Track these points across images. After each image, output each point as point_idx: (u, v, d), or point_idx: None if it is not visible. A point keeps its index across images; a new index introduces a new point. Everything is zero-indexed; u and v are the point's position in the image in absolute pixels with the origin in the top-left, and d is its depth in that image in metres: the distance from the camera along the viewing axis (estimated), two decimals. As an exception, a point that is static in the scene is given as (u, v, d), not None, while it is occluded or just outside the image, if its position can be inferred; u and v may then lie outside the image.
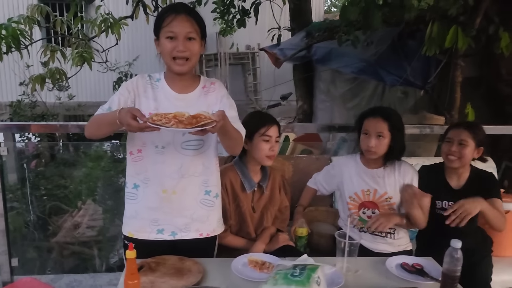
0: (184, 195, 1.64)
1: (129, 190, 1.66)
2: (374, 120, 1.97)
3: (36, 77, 3.89)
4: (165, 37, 1.54)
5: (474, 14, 2.70)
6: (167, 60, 1.58)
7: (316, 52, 4.60)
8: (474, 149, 2.01)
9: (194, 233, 1.68)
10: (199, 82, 1.68)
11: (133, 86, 1.62)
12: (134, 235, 1.66)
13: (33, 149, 7.11)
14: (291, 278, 1.27)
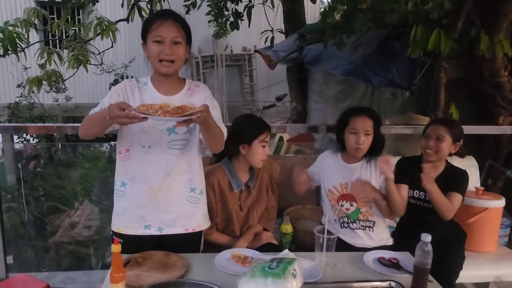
0: (170, 193, 1.72)
1: (118, 188, 1.75)
2: (362, 119, 2.05)
3: (33, 79, 3.95)
4: (152, 41, 1.61)
5: (456, 18, 2.78)
6: (154, 63, 1.65)
7: (307, 54, 4.69)
8: (451, 144, 2.11)
9: (180, 228, 1.76)
10: (184, 85, 1.76)
11: (122, 89, 1.69)
12: (122, 231, 1.74)
13: (32, 150, 7.18)
14: (268, 270, 1.33)
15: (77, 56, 3.85)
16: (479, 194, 2.38)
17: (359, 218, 2.13)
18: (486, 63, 2.92)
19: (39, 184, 5.30)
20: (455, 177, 2.13)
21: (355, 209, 2.12)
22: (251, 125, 2.05)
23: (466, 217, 2.32)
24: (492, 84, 3.02)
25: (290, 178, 2.55)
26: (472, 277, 2.26)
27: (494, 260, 2.31)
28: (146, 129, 1.65)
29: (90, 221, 4.57)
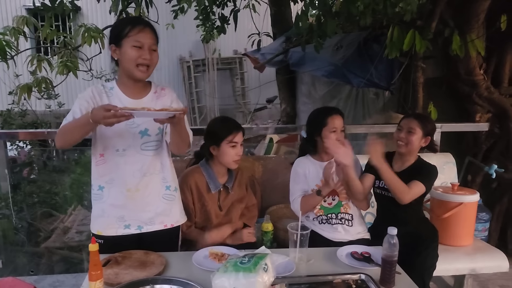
0: (147, 192, 1.79)
1: (95, 192, 1.80)
2: (338, 118, 2.17)
3: (23, 87, 3.98)
4: (131, 46, 1.65)
5: (430, 19, 2.86)
6: (130, 67, 1.68)
7: (292, 57, 4.77)
8: (422, 138, 2.15)
9: (159, 225, 1.83)
10: (151, 88, 1.82)
11: (90, 96, 1.72)
12: (102, 232, 1.80)
13: (25, 157, 7.20)
14: (239, 265, 1.39)
15: (66, 63, 3.91)
16: (454, 189, 2.44)
17: (341, 211, 2.20)
18: (461, 62, 3.00)
19: (32, 190, 5.33)
20: (422, 169, 2.16)
21: (337, 203, 2.19)
22: (219, 127, 2.11)
23: (442, 212, 2.39)
24: (468, 83, 3.09)
25: (272, 178, 2.64)
26: (448, 270, 2.32)
27: (469, 254, 2.38)
28: (120, 133, 1.71)
29: (82, 226, 4.60)
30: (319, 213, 2.20)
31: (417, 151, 2.18)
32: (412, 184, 2.06)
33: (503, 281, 2.99)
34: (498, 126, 3.19)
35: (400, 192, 2.04)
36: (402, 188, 2.03)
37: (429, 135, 2.17)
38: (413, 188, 2.06)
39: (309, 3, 2.26)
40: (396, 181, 2.04)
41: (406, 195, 2.04)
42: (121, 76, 1.76)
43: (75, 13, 9.19)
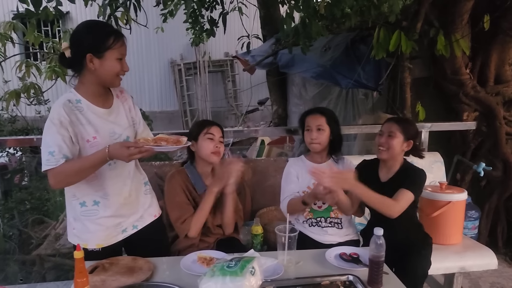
0: (136, 195, 1.85)
1: (90, 208, 1.76)
2: (313, 116, 2.18)
3: (11, 93, 3.95)
4: (115, 58, 1.64)
5: (415, 19, 2.89)
6: (110, 77, 1.67)
7: (281, 58, 4.79)
8: (403, 142, 2.10)
9: (150, 217, 1.91)
10: (111, 93, 1.80)
11: (65, 123, 1.62)
12: (104, 244, 1.80)
13: (16, 163, 7.14)
14: (226, 269, 1.39)
15: (54, 68, 3.88)
16: (443, 188, 2.46)
17: (330, 215, 2.20)
18: (447, 62, 3.02)
19: (23, 197, 5.29)
20: (408, 174, 2.10)
21: (327, 207, 2.19)
22: (195, 125, 2.20)
23: (431, 211, 2.40)
24: (454, 82, 3.12)
25: (262, 180, 2.64)
26: (438, 269, 2.33)
27: (458, 252, 2.39)
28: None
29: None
30: (309, 216, 2.20)
31: (400, 156, 2.14)
32: (398, 195, 2.00)
33: (494, 278, 3.02)
34: (485, 124, 3.22)
35: (386, 209, 1.97)
36: (387, 203, 1.97)
37: (411, 139, 2.12)
38: (400, 200, 1.99)
39: (293, 6, 2.28)
40: (378, 199, 1.96)
41: (394, 208, 1.97)
42: (88, 85, 1.69)
43: (61, 18, 9.14)
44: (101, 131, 1.69)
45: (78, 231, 1.80)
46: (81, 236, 1.79)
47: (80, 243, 1.75)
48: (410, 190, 2.01)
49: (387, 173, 2.17)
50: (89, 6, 3.49)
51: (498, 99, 3.22)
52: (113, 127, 1.74)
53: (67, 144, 1.62)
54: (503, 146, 3.15)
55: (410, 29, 2.83)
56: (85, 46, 1.62)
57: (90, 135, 1.67)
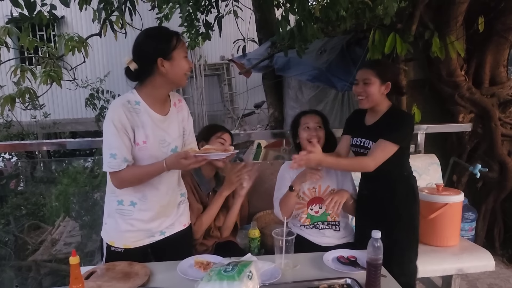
0: (172, 204, 1.86)
1: (125, 207, 1.78)
2: (311, 115, 2.20)
3: (6, 98, 3.92)
4: (183, 56, 1.69)
5: (410, 22, 2.90)
6: (179, 77, 1.70)
7: (277, 61, 4.81)
8: (380, 85, 1.98)
9: (179, 226, 1.92)
10: (170, 100, 1.82)
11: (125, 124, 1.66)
12: (131, 246, 1.81)
13: (11, 169, 7.11)
14: (223, 274, 1.38)
15: (49, 73, 3.87)
16: (439, 190, 2.46)
17: (327, 219, 2.20)
18: (442, 64, 3.04)
19: (19, 202, 5.27)
20: (392, 121, 1.97)
21: (324, 211, 2.19)
22: (208, 128, 2.24)
23: (428, 213, 2.40)
24: (450, 84, 3.13)
25: (258, 184, 2.63)
26: (435, 271, 2.33)
27: (456, 254, 2.39)
28: (155, 155, 1.71)
29: (70, 238, 4.55)
30: (306, 222, 2.20)
31: (382, 100, 2.01)
32: (375, 148, 1.92)
33: (492, 279, 3.02)
34: (481, 126, 3.23)
35: (360, 168, 1.99)
36: (359, 163, 1.96)
37: (388, 81, 1.98)
38: (376, 153, 1.90)
39: (289, 9, 2.28)
40: (349, 163, 1.99)
41: (368, 165, 1.92)
42: (153, 89, 1.71)
43: (55, 22, 9.13)
44: (151, 136, 1.70)
45: (109, 226, 1.83)
46: (110, 232, 1.83)
47: (107, 240, 1.83)
48: (390, 140, 1.92)
49: (373, 117, 2.06)
50: (83, 10, 3.48)
51: (494, 100, 3.23)
52: (164, 135, 1.74)
53: (126, 146, 1.67)
54: (498, 148, 3.16)
55: (405, 31, 2.84)
56: (153, 52, 1.65)
57: (140, 139, 1.69)
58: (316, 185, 2.20)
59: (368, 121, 2.07)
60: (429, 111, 3.21)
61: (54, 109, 9.34)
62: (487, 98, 3.22)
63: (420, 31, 2.93)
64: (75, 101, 9.39)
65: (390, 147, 1.92)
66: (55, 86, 3.76)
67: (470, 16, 3.00)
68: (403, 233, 2.03)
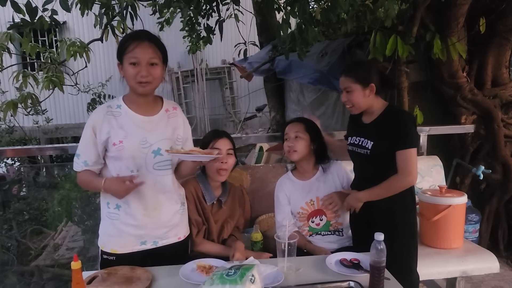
0: (163, 210, 1.80)
1: (111, 210, 1.78)
2: (291, 125, 2.18)
3: (8, 103, 3.94)
4: (128, 63, 1.63)
5: (411, 24, 2.90)
6: (131, 84, 1.67)
7: (278, 65, 4.81)
8: (363, 90, 1.91)
9: (173, 238, 1.86)
10: (162, 105, 1.80)
11: (96, 127, 1.70)
12: (118, 251, 1.79)
13: (14, 174, 7.12)
14: (226, 277, 1.38)
15: (51, 78, 3.88)
16: (443, 192, 2.45)
17: (329, 229, 2.19)
18: (444, 65, 3.03)
19: (22, 208, 5.27)
20: (390, 123, 1.90)
21: (326, 222, 2.18)
22: (208, 135, 2.15)
23: (431, 215, 2.38)
24: (452, 86, 3.12)
25: (261, 187, 2.63)
26: (439, 274, 2.32)
27: (460, 256, 2.37)
28: (133, 154, 1.70)
29: (73, 243, 4.54)
30: (308, 234, 2.19)
31: (372, 101, 1.94)
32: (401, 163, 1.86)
33: (496, 281, 3.00)
34: (484, 127, 3.23)
35: (401, 187, 1.90)
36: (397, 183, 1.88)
37: (370, 82, 1.90)
38: (405, 167, 1.85)
39: (290, 12, 2.28)
40: (387, 187, 1.90)
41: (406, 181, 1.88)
42: (129, 93, 1.75)
43: (57, 27, 9.17)
44: (130, 137, 1.69)
45: (101, 230, 1.83)
46: (101, 237, 1.83)
47: (99, 244, 1.82)
48: (408, 147, 1.86)
49: (369, 117, 2.00)
50: (85, 15, 3.50)
51: (496, 101, 3.22)
52: (146, 135, 1.72)
53: (91, 149, 1.70)
54: (501, 149, 3.15)
55: (406, 33, 2.84)
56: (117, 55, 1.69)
57: (117, 139, 1.68)
58: (313, 197, 2.17)
59: (366, 120, 2.02)
60: (431, 113, 3.20)
61: (56, 114, 9.36)
62: (489, 99, 3.21)
63: (421, 33, 2.93)
64: (77, 106, 9.42)
65: (413, 153, 1.87)
66: (57, 91, 3.78)
67: (471, 18, 2.99)
68: (401, 241, 1.96)
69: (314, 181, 2.19)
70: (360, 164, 2.06)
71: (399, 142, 1.87)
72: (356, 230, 2.16)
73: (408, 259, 2.02)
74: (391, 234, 1.80)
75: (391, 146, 1.89)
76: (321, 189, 2.17)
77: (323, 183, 2.18)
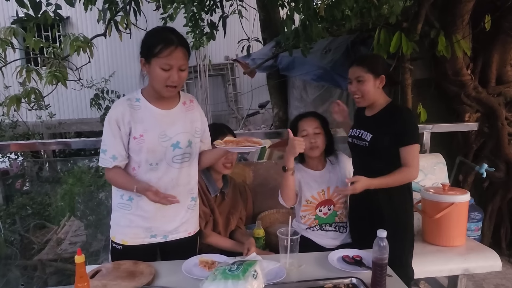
0: (176, 204, 1.76)
1: (123, 201, 1.79)
2: (307, 120, 2.15)
3: (12, 98, 3.95)
4: (159, 67, 1.61)
5: (416, 20, 2.88)
6: (158, 86, 1.65)
7: (281, 61, 4.80)
8: (374, 80, 1.93)
9: (183, 233, 1.87)
10: (179, 98, 1.80)
11: (118, 119, 1.69)
12: (128, 242, 1.80)
13: (17, 169, 7.15)
14: (228, 273, 1.38)
15: (54, 73, 3.88)
16: (445, 190, 2.44)
17: (335, 220, 2.19)
18: (448, 63, 3.01)
19: (25, 202, 5.30)
20: (391, 118, 1.91)
21: (332, 212, 2.19)
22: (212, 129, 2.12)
23: (434, 212, 2.38)
24: (456, 83, 3.10)
25: (263, 183, 2.63)
26: (441, 271, 2.32)
27: (462, 254, 2.37)
28: (152, 148, 1.71)
29: (75, 237, 4.57)
30: (314, 223, 2.19)
31: (378, 95, 1.97)
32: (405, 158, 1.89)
33: (498, 280, 3.00)
34: (487, 125, 3.21)
35: (408, 178, 1.93)
36: (405, 175, 1.91)
37: (382, 74, 1.94)
38: (412, 161, 1.89)
39: (294, 8, 2.27)
40: (394, 178, 1.90)
41: (411, 174, 1.91)
42: (149, 86, 1.73)
43: (61, 22, 9.16)
44: (150, 130, 1.70)
45: (112, 221, 1.84)
46: (112, 227, 1.84)
47: (110, 234, 1.84)
48: (411, 143, 1.90)
49: (372, 110, 2.03)
50: (89, 10, 3.50)
51: (500, 99, 3.21)
52: (166, 129, 1.72)
53: (118, 142, 1.70)
54: (505, 147, 3.14)
55: (411, 30, 2.82)
56: (141, 48, 1.67)
57: (138, 133, 1.69)
58: (325, 188, 2.17)
59: (369, 113, 2.05)
60: (434, 111, 3.19)
61: (60, 109, 9.39)
62: (493, 97, 3.19)
63: (426, 30, 2.91)
64: (80, 101, 9.44)
65: (415, 149, 1.92)
66: (60, 87, 3.78)
67: (476, 15, 2.97)
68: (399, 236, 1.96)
69: (325, 172, 2.19)
70: (358, 156, 2.08)
71: (404, 138, 1.90)
72: (354, 225, 2.18)
73: (405, 253, 2.05)
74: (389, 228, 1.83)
75: (390, 141, 1.92)
76: (333, 179, 2.18)
77: (333, 174, 2.19)
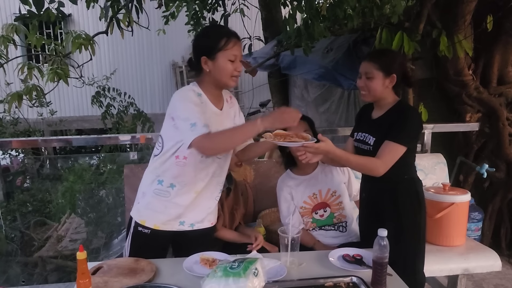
0: (207, 194, 1.87)
1: (164, 188, 1.82)
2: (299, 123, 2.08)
3: (13, 95, 3.95)
4: (227, 59, 1.69)
5: (417, 20, 2.88)
6: (225, 78, 1.72)
7: (283, 60, 4.81)
8: (384, 79, 1.83)
9: (207, 223, 1.93)
10: (223, 96, 1.86)
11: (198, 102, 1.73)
12: (160, 227, 1.84)
13: (18, 166, 7.16)
14: (229, 270, 1.39)
15: (56, 70, 3.88)
16: (446, 189, 2.45)
17: (333, 222, 2.20)
18: (450, 63, 3.01)
19: (25, 199, 5.31)
20: (398, 118, 1.82)
21: (329, 214, 2.19)
22: None
23: (434, 212, 2.39)
24: (457, 83, 3.11)
25: (264, 182, 2.63)
26: (441, 271, 2.32)
27: (462, 254, 2.38)
28: None
29: (76, 234, 4.57)
30: (312, 226, 2.19)
31: (386, 94, 1.88)
32: (382, 150, 1.78)
33: (498, 280, 3.00)
34: (488, 125, 3.21)
35: (368, 170, 1.80)
36: (369, 164, 1.79)
37: (393, 73, 1.83)
38: (384, 156, 1.76)
39: (296, 7, 2.28)
40: (358, 161, 1.80)
41: (377, 168, 1.77)
42: (207, 84, 1.77)
43: (63, 20, 9.17)
44: (211, 128, 1.69)
45: (142, 206, 1.86)
46: (143, 211, 1.85)
47: (138, 219, 1.86)
48: (397, 142, 1.77)
49: (379, 111, 1.93)
50: (91, 8, 3.50)
51: (501, 100, 3.21)
52: (217, 128, 1.74)
53: (204, 114, 1.67)
54: (506, 147, 3.14)
55: (413, 30, 2.82)
56: (200, 49, 1.72)
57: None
58: (316, 191, 2.16)
59: (375, 115, 1.95)
60: (436, 110, 3.19)
61: (61, 107, 9.40)
62: (494, 97, 3.19)
63: (428, 30, 2.91)
64: (81, 99, 9.45)
65: (398, 149, 1.79)
66: (61, 84, 3.78)
67: (478, 15, 2.97)
68: (407, 242, 1.90)
69: (316, 174, 2.18)
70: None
71: (393, 133, 1.79)
72: (365, 227, 2.11)
73: (415, 260, 1.98)
74: (398, 232, 1.83)
75: None
76: (323, 181, 2.17)
77: (325, 175, 2.18)
